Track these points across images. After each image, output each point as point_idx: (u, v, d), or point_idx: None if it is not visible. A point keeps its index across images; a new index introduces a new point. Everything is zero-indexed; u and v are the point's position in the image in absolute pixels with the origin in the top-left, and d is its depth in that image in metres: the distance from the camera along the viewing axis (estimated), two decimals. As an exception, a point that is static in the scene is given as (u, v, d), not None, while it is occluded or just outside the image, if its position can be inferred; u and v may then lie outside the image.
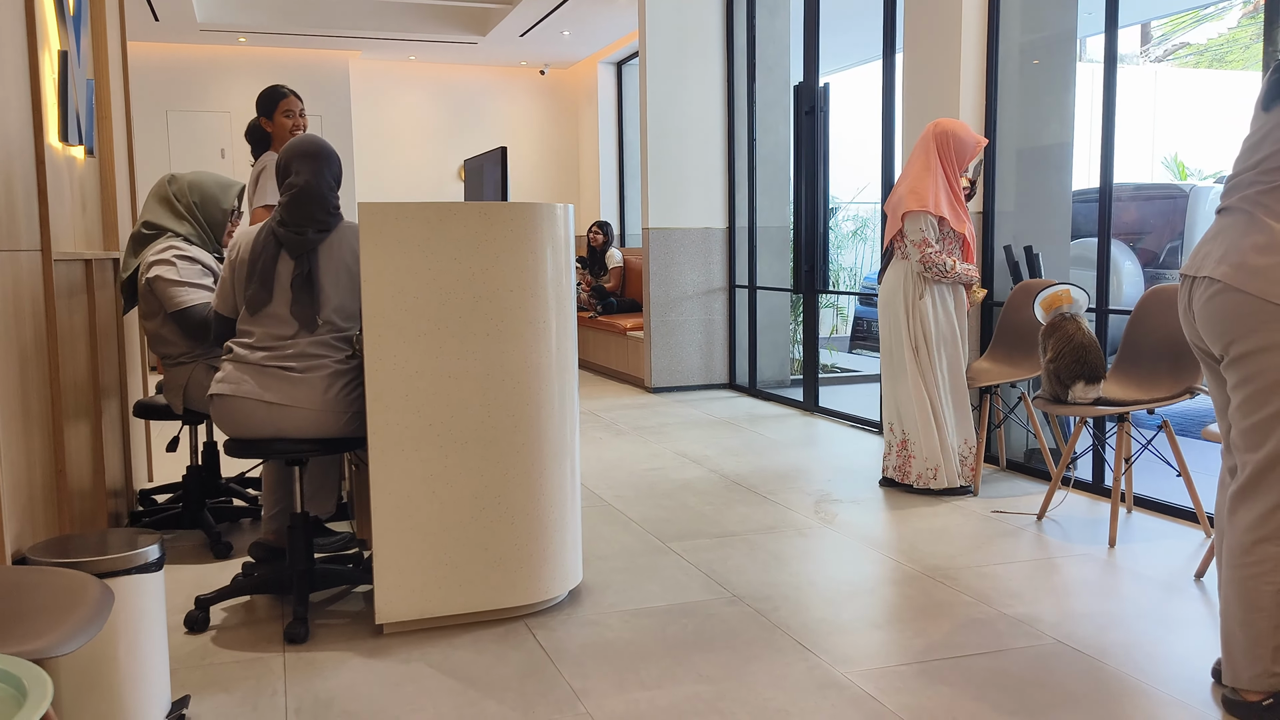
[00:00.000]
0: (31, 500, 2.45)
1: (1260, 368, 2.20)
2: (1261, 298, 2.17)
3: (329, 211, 2.97)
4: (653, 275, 7.23)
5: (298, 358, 2.87)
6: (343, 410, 2.90)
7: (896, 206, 4.24)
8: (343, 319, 2.94)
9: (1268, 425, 2.20)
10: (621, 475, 4.78)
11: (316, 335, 2.91)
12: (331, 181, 3.01)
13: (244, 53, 9.24)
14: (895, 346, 4.28)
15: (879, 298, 4.40)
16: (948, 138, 4.20)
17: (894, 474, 4.36)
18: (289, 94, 4.22)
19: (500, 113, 10.42)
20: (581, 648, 2.77)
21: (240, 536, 3.87)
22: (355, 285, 2.94)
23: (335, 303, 2.92)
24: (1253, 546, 2.22)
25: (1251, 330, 2.20)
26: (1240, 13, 15.50)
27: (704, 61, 7.24)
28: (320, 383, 2.87)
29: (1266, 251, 2.18)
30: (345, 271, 2.94)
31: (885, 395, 4.40)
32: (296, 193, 2.95)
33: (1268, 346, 2.18)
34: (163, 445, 5.49)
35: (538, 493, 2.96)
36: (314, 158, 2.99)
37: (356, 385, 2.93)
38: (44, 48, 2.81)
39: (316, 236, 2.93)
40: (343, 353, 2.93)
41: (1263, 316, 2.18)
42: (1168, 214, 6.74)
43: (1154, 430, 3.77)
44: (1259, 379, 2.21)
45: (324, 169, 2.99)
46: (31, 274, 2.55)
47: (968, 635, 2.81)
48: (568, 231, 3.02)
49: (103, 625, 1.71)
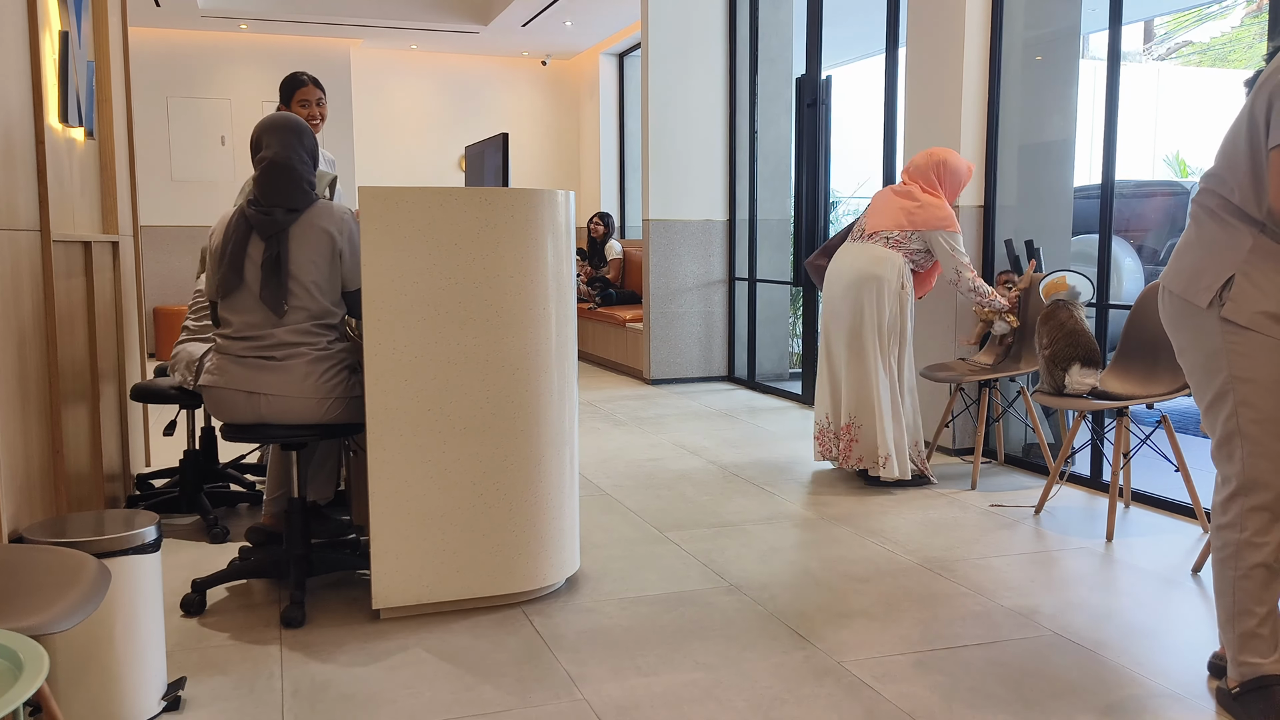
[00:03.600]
0: (29, 481, 2.44)
1: (1190, 365, 2.31)
2: (1182, 296, 2.28)
3: (302, 188, 2.90)
4: (653, 267, 7.22)
5: (277, 347, 2.86)
6: (324, 396, 2.87)
7: (915, 215, 4.21)
8: (320, 303, 2.88)
9: (1210, 416, 2.28)
10: (620, 465, 4.77)
11: (294, 323, 2.86)
12: (304, 155, 2.94)
13: (245, 40, 9.21)
14: (863, 330, 4.21)
15: (838, 276, 4.32)
16: (944, 167, 4.30)
17: (835, 458, 4.34)
18: (307, 82, 4.05)
19: (502, 103, 10.40)
20: (579, 634, 2.77)
21: (236, 521, 3.86)
22: (333, 268, 2.89)
23: (309, 286, 2.86)
24: (1217, 532, 2.27)
25: (1178, 329, 2.32)
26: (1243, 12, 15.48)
27: (706, 53, 7.22)
28: (299, 369, 2.85)
29: (1185, 251, 2.30)
30: (321, 254, 2.87)
31: (834, 378, 4.35)
32: (266, 165, 2.89)
33: (1189, 345, 2.29)
34: (160, 429, 5.48)
35: (536, 479, 2.95)
36: (283, 130, 2.93)
37: (339, 370, 2.90)
38: (45, 27, 2.80)
39: (286, 218, 2.86)
40: (324, 338, 2.89)
41: (1185, 314, 2.28)
42: (1169, 211, 6.74)
43: (1153, 425, 3.77)
44: (1193, 375, 2.31)
45: (294, 142, 2.93)
46: (31, 254, 2.54)
47: (965, 626, 2.81)
48: (569, 219, 3.01)
49: (99, 604, 1.70)
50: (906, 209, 4.26)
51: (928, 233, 4.21)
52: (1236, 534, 2.22)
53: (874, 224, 4.32)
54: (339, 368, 2.91)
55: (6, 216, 2.32)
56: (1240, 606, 2.23)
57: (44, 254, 2.64)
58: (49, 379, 2.67)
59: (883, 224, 4.29)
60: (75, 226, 3.26)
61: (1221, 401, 2.22)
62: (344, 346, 2.95)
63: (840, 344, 4.31)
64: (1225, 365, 2.20)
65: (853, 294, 4.25)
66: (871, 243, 4.28)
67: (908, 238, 4.23)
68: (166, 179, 9.07)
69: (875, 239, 4.28)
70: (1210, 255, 2.22)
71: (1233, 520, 2.23)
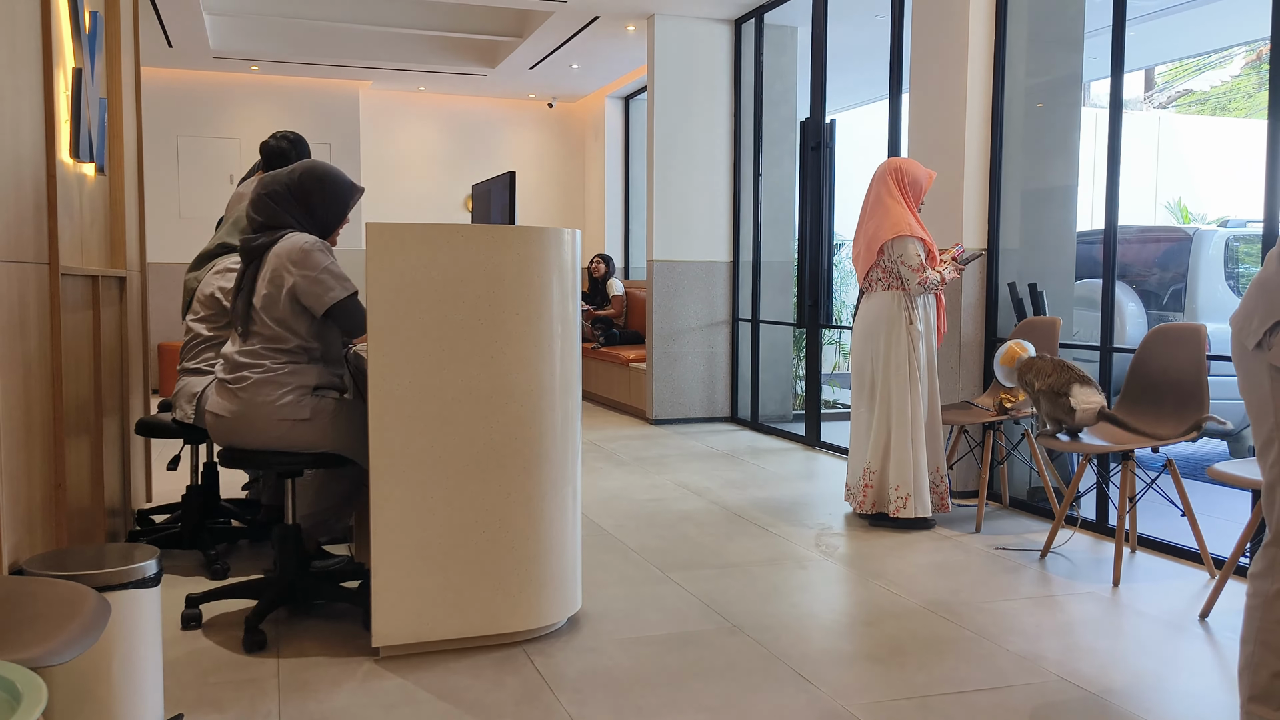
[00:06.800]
0: (30, 513, 2.43)
1: (1246, 405, 2.27)
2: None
3: (280, 219, 2.99)
4: (656, 307, 7.24)
5: (233, 369, 2.97)
6: (272, 416, 2.90)
7: (874, 239, 4.25)
8: (271, 328, 2.94)
9: (1261, 461, 2.24)
10: (622, 505, 4.75)
11: (248, 347, 2.96)
12: (300, 195, 3.01)
13: (256, 80, 9.31)
14: (876, 375, 4.28)
15: (855, 330, 4.41)
16: (902, 172, 4.29)
17: (864, 508, 4.34)
18: None
19: (508, 144, 10.49)
20: (580, 674, 2.74)
21: (238, 558, 3.84)
22: (285, 298, 2.91)
23: (260, 312, 2.94)
24: (1250, 579, 2.24)
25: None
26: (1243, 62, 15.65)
27: (711, 97, 7.30)
28: (246, 392, 2.92)
29: (1248, 291, 2.27)
30: (273, 281, 2.91)
31: (860, 429, 4.39)
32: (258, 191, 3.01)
33: (1243, 387, 2.25)
34: (163, 465, 5.47)
35: (538, 516, 2.94)
36: (312, 177, 3.04)
37: (287, 392, 2.92)
38: (59, 64, 2.84)
39: (261, 242, 2.97)
40: (269, 360, 2.93)
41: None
42: (1172, 256, 6.76)
43: (1158, 470, 3.75)
44: (1249, 416, 2.27)
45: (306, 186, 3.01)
46: (38, 286, 2.56)
47: (970, 671, 2.78)
48: (574, 257, 3.03)
49: (98, 637, 1.69)
50: (868, 240, 4.30)
51: (885, 247, 4.24)
52: (1267, 584, 2.18)
53: (859, 271, 4.38)
54: (287, 390, 2.92)
55: (15, 249, 2.34)
56: (1259, 657, 2.19)
57: (51, 287, 2.65)
58: (53, 412, 2.67)
59: (863, 267, 4.35)
60: (83, 260, 3.28)
61: (1268, 448, 2.18)
62: (293, 369, 2.95)
63: (859, 396, 4.37)
64: (1271, 412, 2.16)
65: (860, 346, 4.37)
66: (870, 294, 4.34)
67: (882, 266, 4.26)
68: (174, 216, 9.13)
69: (871, 286, 4.33)
70: (1263, 296, 2.19)
71: (1264, 569, 2.19)
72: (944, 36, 4.86)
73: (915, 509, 4.21)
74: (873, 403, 4.32)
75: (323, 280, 2.89)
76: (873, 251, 4.26)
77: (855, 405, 4.43)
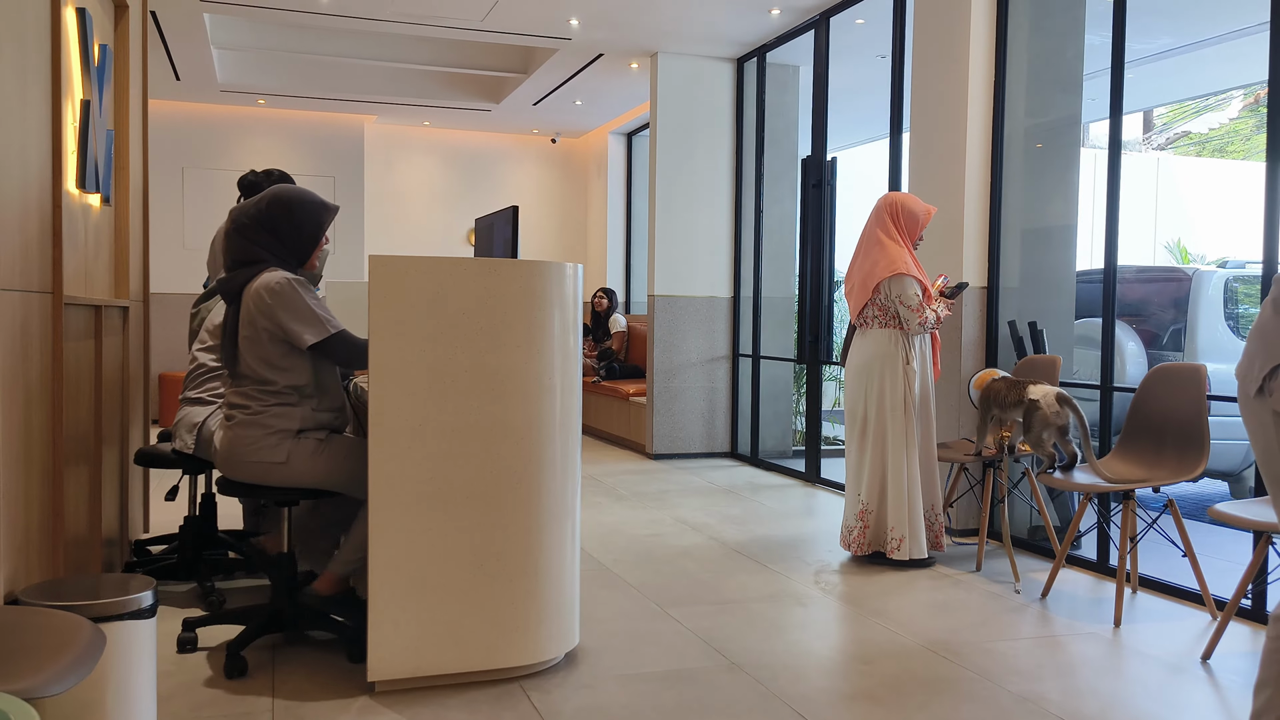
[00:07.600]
0: (28, 543, 2.42)
1: (1254, 450, 2.29)
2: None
3: (251, 253, 2.99)
4: (657, 342, 7.25)
5: (228, 406, 3.05)
6: (248, 458, 2.95)
7: (870, 276, 4.26)
8: (255, 370, 2.96)
9: (1275, 506, 2.23)
10: (621, 540, 4.73)
11: (240, 387, 3.01)
12: (268, 224, 2.99)
13: (262, 114, 9.39)
14: (870, 415, 4.27)
15: (848, 367, 4.41)
16: (898, 208, 4.30)
17: (861, 550, 4.32)
18: None
19: (511, 179, 10.56)
20: (576, 711, 2.72)
21: (234, 590, 3.82)
22: (265, 336, 2.92)
23: (244, 352, 2.97)
24: (1270, 622, 2.20)
25: (1241, 414, 2.29)
26: (1241, 104, 15.77)
27: (713, 134, 7.35)
28: (233, 431, 2.99)
29: (1249, 336, 2.30)
30: (249, 324, 2.93)
31: (853, 468, 4.38)
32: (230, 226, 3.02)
33: (1249, 432, 2.26)
34: (161, 496, 5.45)
35: (537, 551, 2.93)
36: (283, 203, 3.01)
37: (270, 435, 2.94)
38: (68, 95, 2.86)
39: (238, 280, 2.98)
40: (257, 403, 2.97)
41: (1242, 400, 2.27)
42: (1172, 297, 6.78)
43: (1159, 510, 3.74)
44: (1257, 460, 2.27)
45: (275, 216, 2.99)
46: (41, 315, 2.56)
47: (971, 711, 2.76)
48: (576, 291, 3.04)
49: (93, 668, 1.68)
50: (864, 276, 4.30)
51: (881, 285, 4.24)
52: None
53: (853, 307, 4.38)
54: (267, 433, 2.95)
55: (19, 277, 2.35)
56: (1272, 702, 2.17)
57: (54, 316, 2.66)
58: (53, 440, 2.67)
59: (856, 304, 4.35)
60: (87, 290, 3.29)
61: (1276, 493, 2.18)
62: (279, 412, 2.96)
63: (853, 434, 4.36)
64: (1278, 457, 2.16)
65: (854, 385, 4.37)
66: (864, 331, 4.34)
67: (878, 304, 4.27)
68: (179, 247, 9.17)
69: (865, 323, 4.34)
70: (1261, 342, 2.20)
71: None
72: (944, 77, 4.91)
73: (911, 551, 4.19)
74: (865, 441, 4.31)
75: (293, 328, 2.89)
76: (868, 289, 4.27)
77: (849, 443, 4.42)
